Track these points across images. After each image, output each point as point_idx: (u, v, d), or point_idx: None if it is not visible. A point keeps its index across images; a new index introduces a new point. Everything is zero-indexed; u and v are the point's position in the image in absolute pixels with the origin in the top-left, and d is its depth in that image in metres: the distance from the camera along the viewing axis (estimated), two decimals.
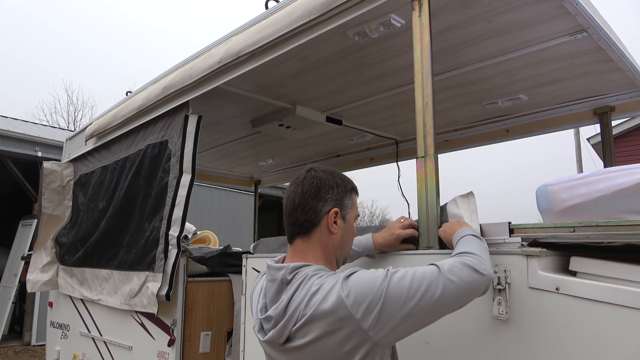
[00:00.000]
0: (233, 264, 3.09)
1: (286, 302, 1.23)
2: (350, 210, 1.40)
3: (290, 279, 1.26)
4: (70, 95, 33.63)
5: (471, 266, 1.21)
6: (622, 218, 1.36)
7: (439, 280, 1.17)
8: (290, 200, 1.36)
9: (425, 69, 1.68)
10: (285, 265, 1.29)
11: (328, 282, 1.20)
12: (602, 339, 1.20)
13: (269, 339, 1.25)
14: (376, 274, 1.20)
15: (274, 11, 2.20)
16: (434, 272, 1.19)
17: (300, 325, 1.18)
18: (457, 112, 3.21)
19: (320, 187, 1.34)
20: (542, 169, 47.83)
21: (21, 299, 8.96)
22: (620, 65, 2.41)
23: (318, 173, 1.37)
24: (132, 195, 3.13)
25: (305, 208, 1.33)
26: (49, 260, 4.14)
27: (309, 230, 1.34)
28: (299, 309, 1.19)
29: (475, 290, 1.22)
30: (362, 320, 1.14)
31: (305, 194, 1.34)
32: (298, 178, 1.39)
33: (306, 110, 3.14)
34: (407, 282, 1.16)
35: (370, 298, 1.14)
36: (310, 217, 1.33)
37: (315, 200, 1.33)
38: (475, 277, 1.20)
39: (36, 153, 8.52)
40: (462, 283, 1.18)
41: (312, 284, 1.22)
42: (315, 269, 1.27)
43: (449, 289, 1.16)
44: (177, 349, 2.76)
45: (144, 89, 3.16)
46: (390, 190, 9.70)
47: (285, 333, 1.21)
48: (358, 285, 1.17)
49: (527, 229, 1.46)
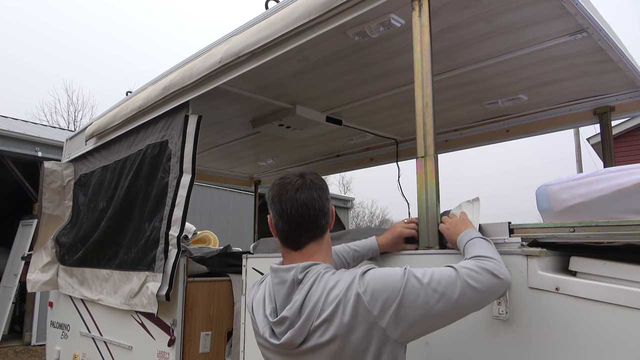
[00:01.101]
0: (233, 264, 3.09)
1: (301, 301, 1.21)
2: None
3: (301, 278, 1.25)
4: (70, 95, 33.57)
5: (490, 271, 1.21)
6: (622, 218, 1.36)
7: (456, 282, 1.17)
8: (308, 207, 1.30)
9: (425, 69, 1.68)
10: (294, 265, 1.27)
11: (345, 278, 1.20)
12: (602, 339, 1.20)
13: (285, 341, 1.21)
14: (394, 272, 1.20)
15: (274, 11, 2.20)
16: (452, 274, 1.19)
17: (320, 322, 1.17)
18: (457, 112, 3.21)
19: (326, 189, 1.37)
20: (541, 169, 47.87)
21: (21, 299, 8.96)
22: (620, 65, 2.41)
23: (314, 175, 1.38)
24: (132, 195, 3.13)
25: (324, 210, 1.34)
26: (49, 260, 4.15)
27: (324, 233, 1.35)
28: (317, 306, 1.18)
29: (495, 294, 1.23)
30: (380, 318, 1.14)
31: (322, 197, 1.34)
32: (303, 184, 1.32)
33: (306, 110, 3.14)
34: (426, 281, 1.17)
35: (387, 295, 1.15)
36: (328, 218, 1.36)
37: (328, 201, 1.36)
38: (494, 282, 1.21)
39: (36, 153, 8.52)
40: (482, 287, 1.18)
41: (328, 280, 1.21)
42: (326, 267, 1.28)
43: (468, 293, 1.17)
44: (177, 349, 2.76)
45: (144, 89, 3.16)
46: (390, 190, 9.76)
47: (304, 332, 1.19)
48: (375, 282, 1.17)
49: (527, 229, 1.46)
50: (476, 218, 1.57)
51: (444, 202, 1.66)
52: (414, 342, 1.23)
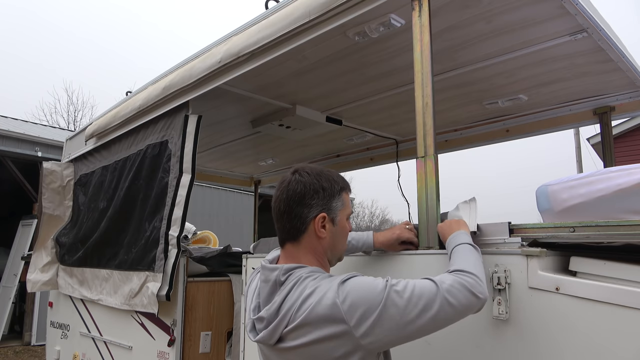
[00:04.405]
0: (233, 264, 3.09)
1: (279, 303, 1.22)
2: (340, 212, 1.35)
3: (283, 280, 1.25)
4: (70, 95, 33.70)
5: (469, 289, 1.20)
6: (622, 218, 1.36)
7: (436, 298, 1.16)
8: (277, 206, 1.33)
9: (425, 69, 1.68)
10: (279, 266, 1.28)
11: (323, 286, 1.19)
12: (602, 339, 1.20)
13: (259, 340, 1.25)
14: (375, 283, 1.18)
15: (274, 11, 2.20)
16: (432, 289, 1.18)
17: (292, 328, 1.18)
18: (457, 112, 3.21)
19: (304, 194, 1.29)
20: (541, 169, 47.85)
21: (21, 299, 8.96)
22: (620, 66, 2.41)
23: (302, 177, 1.31)
24: (132, 195, 3.13)
25: (291, 215, 1.30)
26: (49, 260, 4.15)
27: (297, 237, 1.31)
28: (291, 311, 1.18)
29: (469, 312, 1.22)
30: (355, 328, 1.13)
31: (290, 200, 1.29)
32: (283, 182, 1.33)
33: (306, 110, 3.14)
34: (407, 296, 1.15)
35: (367, 307, 1.14)
36: (297, 224, 1.30)
37: (300, 207, 1.29)
38: (472, 300, 1.20)
39: (36, 153, 8.53)
40: (459, 305, 1.18)
41: (306, 286, 1.20)
42: (310, 271, 1.26)
43: (446, 309, 1.16)
44: (177, 349, 2.76)
45: (144, 89, 3.16)
46: (390, 190, 9.72)
47: (276, 335, 1.21)
48: (355, 292, 1.16)
49: (527, 229, 1.46)
50: (473, 218, 1.58)
51: (444, 202, 1.66)
52: (414, 342, 1.23)
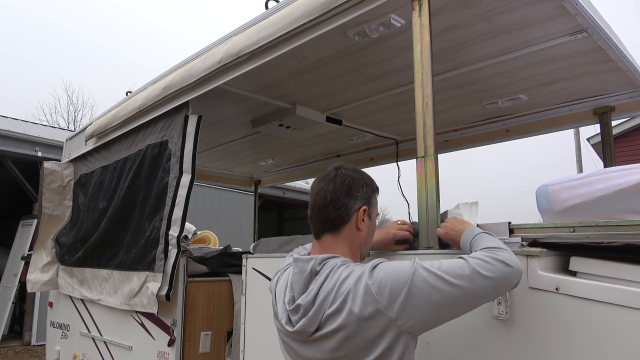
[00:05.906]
0: (233, 264, 3.08)
1: (316, 290, 1.26)
2: (374, 209, 1.46)
3: (319, 270, 1.30)
4: (70, 95, 33.67)
5: (503, 260, 1.21)
6: (622, 218, 1.36)
7: (467, 272, 1.18)
8: (321, 197, 1.38)
9: (425, 69, 1.68)
10: (314, 257, 1.33)
11: (357, 271, 1.24)
12: (602, 339, 1.20)
13: (299, 329, 1.27)
14: (402, 264, 1.23)
15: (274, 11, 2.20)
16: (461, 264, 1.20)
17: (332, 312, 1.21)
18: (457, 112, 3.21)
19: (351, 185, 1.38)
20: (541, 169, 47.84)
21: (21, 299, 8.96)
22: (620, 66, 2.41)
23: (349, 171, 1.41)
24: (132, 195, 3.13)
25: (337, 205, 1.36)
26: (49, 260, 4.14)
27: (339, 227, 1.37)
28: (330, 295, 1.23)
29: (508, 284, 1.23)
30: (388, 308, 1.17)
31: (338, 191, 1.37)
32: (328, 175, 1.41)
33: (306, 110, 3.14)
34: (434, 271, 1.18)
35: (395, 286, 1.17)
36: (342, 213, 1.37)
37: (347, 197, 1.37)
38: (508, 271, 1.21)
39: (36, 153, 8.52)
40: (495, 276, 1.19)
41: (342, 272, 1.25)
42: (343, 260, 1.32)
43: (480, 282, 1.17)
44: (177, 349, 2.76)
45: (144, 89, 3.16)
46: (390, 190, 9.73)
47: (316, 321, 1.24)
48: (384, 273, 1.21)
49: (527, 229, 1.46)
50: (473, 219, 1.58)
51: (444, 202, 1.67)
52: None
